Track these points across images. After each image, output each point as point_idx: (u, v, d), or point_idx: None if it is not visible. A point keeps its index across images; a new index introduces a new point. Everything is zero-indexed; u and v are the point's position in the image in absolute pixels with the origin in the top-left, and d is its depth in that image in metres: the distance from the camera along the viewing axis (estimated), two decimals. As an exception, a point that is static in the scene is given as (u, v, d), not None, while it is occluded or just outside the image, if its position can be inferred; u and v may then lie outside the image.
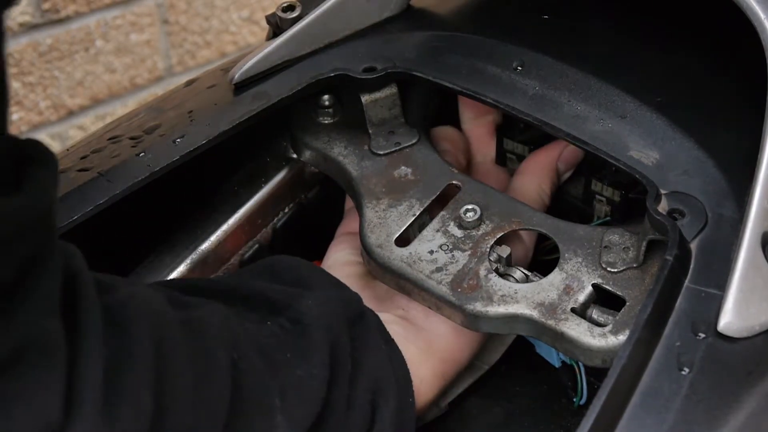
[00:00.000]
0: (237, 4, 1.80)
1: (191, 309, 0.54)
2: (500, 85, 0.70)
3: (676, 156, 0.63)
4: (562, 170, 0.74)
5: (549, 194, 0.72)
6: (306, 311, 0.58)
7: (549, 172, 0.73)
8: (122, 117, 0.75)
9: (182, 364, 0.50)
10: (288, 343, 0.57)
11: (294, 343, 0.57)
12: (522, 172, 0.73)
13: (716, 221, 0.60)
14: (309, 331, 0.57)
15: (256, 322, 0.57)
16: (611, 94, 0.68)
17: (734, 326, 0.55)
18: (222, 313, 0.55)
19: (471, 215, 0.66)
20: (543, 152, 0.74)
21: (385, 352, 0.61)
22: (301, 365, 0.56)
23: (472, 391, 0.69)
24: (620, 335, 0.58)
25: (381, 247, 0.65)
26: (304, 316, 0.58)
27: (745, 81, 0.66)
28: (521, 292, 0.62)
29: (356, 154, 0.72)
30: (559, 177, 0.74)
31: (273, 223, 0.78)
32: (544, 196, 0.72)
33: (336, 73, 0.72)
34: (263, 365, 0.55)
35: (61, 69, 1.61)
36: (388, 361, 0.61)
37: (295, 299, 0.59)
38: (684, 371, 0.53)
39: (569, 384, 0.70)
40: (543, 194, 0.72)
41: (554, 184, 0.73)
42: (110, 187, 0.64)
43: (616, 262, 0.62)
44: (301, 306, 0.58)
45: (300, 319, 0.58)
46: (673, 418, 0.52)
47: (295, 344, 0.57)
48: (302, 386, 0.56)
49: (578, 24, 0.75)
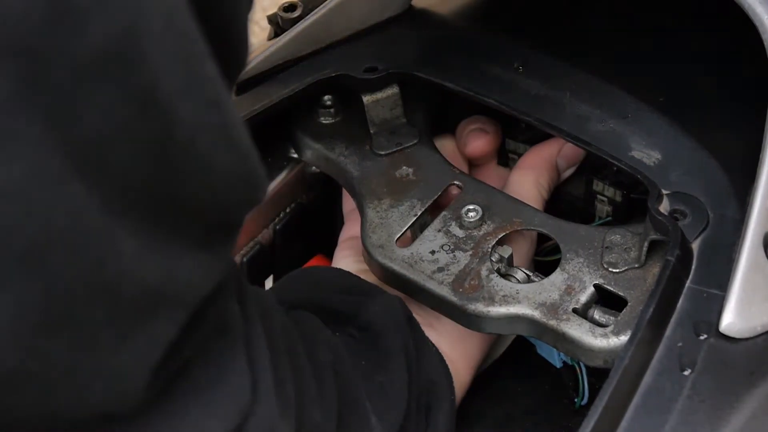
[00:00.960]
0: (238, 5, 1.80)
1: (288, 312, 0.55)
2: (502, 86, 0.70)
3: (678, 156, 0.63)
4: (563, 167, 0.73)
5: (547, 189, 0.72)
6: (374, 318, 0.58)
7: (547, 167, 0.72)
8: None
9: (302, 358, 0.51)
10: (361, 352, 0.57)
11: (368, 351, 0.57)
12: (519, 167, 0.73)
13: (718, 221, 0.60)
14: (380, 337, 0.58)
15: None
16: (613, 94, 0.68)
17: (736, 327, 0.55)
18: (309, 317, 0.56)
19: (472, 215, 0.66)
20: (541, 147, 0.73)
21: (435, 354, 0.61)
22: (380, 371, 0.57)
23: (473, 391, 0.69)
24: (622, 336, 0.58)
25: (382, 248, 0.65)
26: (371, 323, 0.58)
27: (747, 81, 0.66)
28: (523, 293, 0.62)
29: (357, 154, 0.72)
30: (559, 174, 0.73)
31: (274, 223, 0.78)
32: (542, 190, 0.71)
33: (337, 74, 0.72)
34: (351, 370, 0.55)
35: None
36: (439, 362, 0.61)
37: (360, 307, 0.59)
38: (686, 372, 0.53)
39: (570, 384, 0.70)
40: (541, 189, 0.71)
41: (553, 180, 0.72)
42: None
43: (618, 262, 0.62)
44: (369, 314, 0.59)
45: (368, 327, 0.58)
46: (674, 419, 0.52)
47: (369, 352, 0.57)
48: (387, 391, 0.56)
49: (579, 24, 0.75)
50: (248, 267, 0.76)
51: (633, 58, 0.72)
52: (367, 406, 0.54)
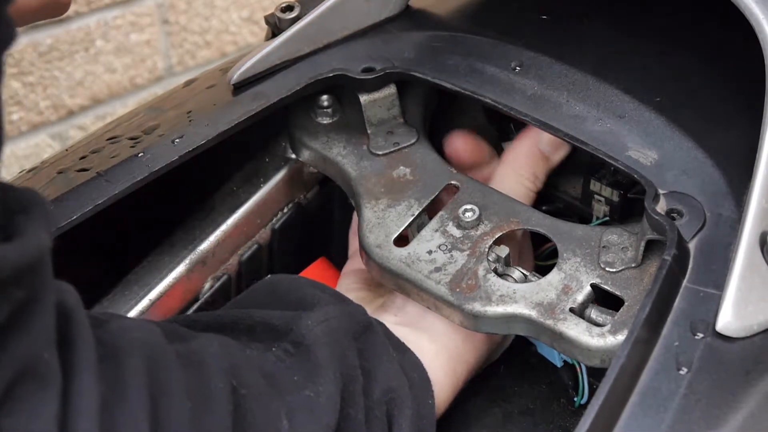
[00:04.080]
0: (237, 4, 1.80)
1: (189, 341, 0.55)
2: (499, 85, 0.70)
3: (675, 156, 0.63)
4: (550, 151, 0.72)
5: (532, 180, 0.71)
6: (306, 332, 0.58)
7: (527, 158, 0.71)
8: (121, 117, 0.75)
9: (178, 395, 0.50)
10: (293, 367, 0.57)
11: (300, 366, 0.57)
12: (499, 165, 0.72)
13: (715, 221, 0.60)
14: (312, 351, 0.57)
15: (261, 350, 0.58)
16: (610, 93, 0.68)
17: (732, 326, 0.55)
18: (219, 342, 0.55)
19: (470, 215, 0.66)
20: (517, 141, 0.73)
21: (396, 360, 0.61)
22: (308, 385, 0.56)
23: (472, 391, 0.69)
24: (619, 335, 0.58)
25: (380, 247, 0.65)
26: (304, 337, 0.58)
27: (744, 81, 0.66)
28: (520, 292, 0.62)
29: (355, 154, 0.72)
30: (548, 159, 0.72)
31: (272, 223, 0.78)
32: (526, 182, 0.70)
33: (335, 74, 0.72)
34: (268, 389, 0.55)
35: (61, 69, 1.61)
36: (399, 368, 0.61)
37: (295, 322, 0.59)
38: (682, 371, 0.53)
39: (570, 383, 0.70)
40: (524, 181, 0.70)
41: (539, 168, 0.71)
42: (109, 188, 0.64)
43: (615, 261, 0.62)
44: (301, 328, 0.58)
45: (302, 341, 0.58)
46: (671, 418, 0.52)
47: (301, 366, 0.57)
48: (312, 405, 0.56)
49: (577, 24, 0.75)
50: (246, 267, 0.76)
51: (630, 58, 0.72)
52: (282, 425, 0.54)
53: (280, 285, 0.65)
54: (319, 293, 0.63)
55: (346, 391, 0.57)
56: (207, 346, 0.54)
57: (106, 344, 0.49)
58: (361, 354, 0.60)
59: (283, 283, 0.65)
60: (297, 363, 0.57)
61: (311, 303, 0.61)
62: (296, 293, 0.63)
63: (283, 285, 0.64)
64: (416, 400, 0.61)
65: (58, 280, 0.48)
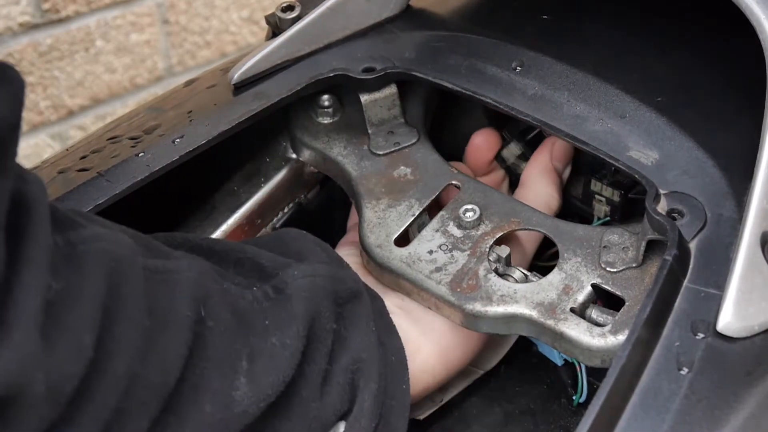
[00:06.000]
0: (237, 4, 1.80)
1: (169, 260, 0.53)
2: (499, 85, 0.70)
3: (676, 156, 0.63)
4: (560, 168, 0.74)
5: (558, 198, 0.72)
6: (290, 281, 0.57)
7: (548, 176, 0.72)
8: (122, 117, 0.75)
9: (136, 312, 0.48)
10: (268, 311, 0.56)
11: (273, 312, 0.56)
12: (523, 186, 0.73)
13: (715, 221, 0.60)
14: (290, 301, 0.56)
15: (242, 286, 0.57)
16: (611, 94, 0.68)
17: (733, 326, 0.55)
18: (200, 268, 0.54)
19: (470, 215, 0.66)
20: (535, 161, 0.74)
21: (374, 335, 0.60)
22: (276, 334, 0.55)
23: (472, 391, 0.69)
24: (619, 335, 0.58)
25: (380, 247, 0.65)
26: (287, 285, 0.57)
27: (745, 81, 0.66)
28: (520, 292, 0.62)
29: (356, 154, 0.73)
30: (560, 175, 0.74)
31: (272, 223, 0.78)
32: (552, 201, 0.72)
33: (335, 73, 0.73)
34: (236, 327, 0.54)
35: (61, 69, 1.61)
36: (375, 343, 0.60)
37: (282, 268, 0.58)
38: (683, 371, 0.53)
39: (570, 382, 0.71)
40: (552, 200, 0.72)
41: (559, 185, 0.73)
42: (109, 187, 0.64)
43: (616, 261, 0.62)
44: (286, 276, 0.57)
45: (284, 288, 0.57)
46: (672, 418, 0.52)
47: (275, 313, 0.56)
48: (274, 353, 0.55)
49: (577, 24, 0.75)
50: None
51: (631, 58, 0.72)
52: (241, 365, 0.53)
53: (287, 234, 0.64)
54: (319, 251, 0.62)
55: (308, 348, 0.56)
56: (184, 269, 0.53)
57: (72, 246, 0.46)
58: (339, 318, 0.59)
59: (291, 234, 0.64)
60: (272, 308, 0.56)
61: (306, 257, 0.61)
62: (298, 244, 0.62)
63: (290, 235, 0.64)
64: (385, 378, 0.60)
65: (27, 169, 0.46)
